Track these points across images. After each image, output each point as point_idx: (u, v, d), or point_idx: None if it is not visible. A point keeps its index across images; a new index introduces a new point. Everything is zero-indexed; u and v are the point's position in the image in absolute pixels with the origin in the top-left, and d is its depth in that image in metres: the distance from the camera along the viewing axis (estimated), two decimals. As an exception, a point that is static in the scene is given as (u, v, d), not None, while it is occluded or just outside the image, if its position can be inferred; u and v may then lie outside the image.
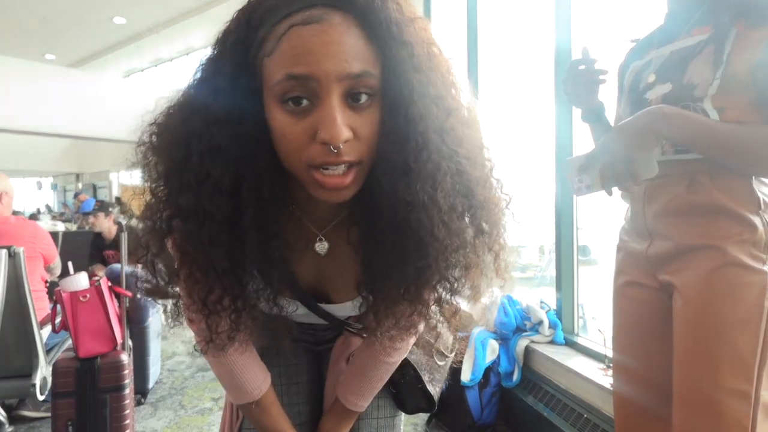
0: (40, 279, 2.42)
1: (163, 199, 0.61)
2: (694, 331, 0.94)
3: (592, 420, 1.77)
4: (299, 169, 0.57)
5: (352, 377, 0.87)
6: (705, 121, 0.92)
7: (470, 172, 0.60)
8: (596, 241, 3.27)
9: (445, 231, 0.58)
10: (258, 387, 0.83)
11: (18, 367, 1.91)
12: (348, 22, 0.52)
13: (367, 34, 0.53)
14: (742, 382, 0.88)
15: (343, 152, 0.53)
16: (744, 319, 0.89)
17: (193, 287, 0.62)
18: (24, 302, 1.87)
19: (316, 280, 0.76)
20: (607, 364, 1.87)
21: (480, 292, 0.67)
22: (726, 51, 0.92)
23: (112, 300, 1.95)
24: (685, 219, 0.98)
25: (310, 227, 0.71)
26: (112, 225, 3.77)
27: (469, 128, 0.60)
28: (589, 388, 1.81)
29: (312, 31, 0.51)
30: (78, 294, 1.87)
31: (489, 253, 0.65)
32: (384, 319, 0.67)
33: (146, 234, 0.63)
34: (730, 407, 0.89)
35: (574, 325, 2.17)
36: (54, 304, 1.94)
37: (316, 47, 0.51)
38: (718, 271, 0.93)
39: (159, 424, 2.44)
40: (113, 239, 3.75)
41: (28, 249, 2.19)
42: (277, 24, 0.53)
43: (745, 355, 0.89)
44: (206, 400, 2.72)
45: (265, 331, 0.73)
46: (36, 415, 2.44)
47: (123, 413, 1.86)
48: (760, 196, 0.91)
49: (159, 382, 3.01)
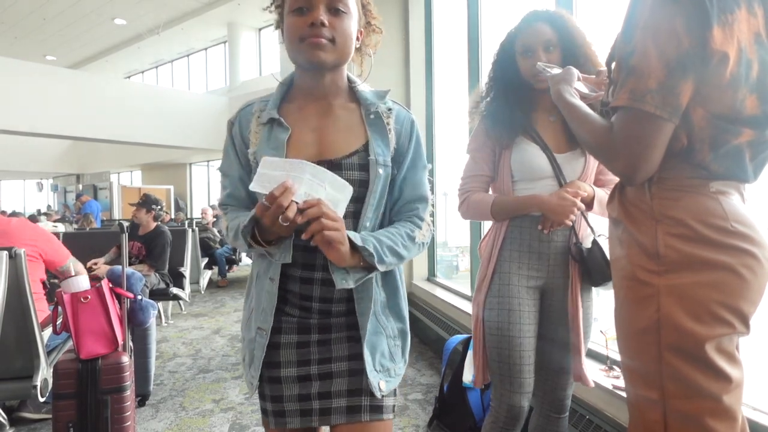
0: (39, 281, 2.41)
1: None
2: (616, 337, 1.02)
3: (594, 421, 1.77)
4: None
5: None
6: (574, 104, 1.09)
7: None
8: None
9: None
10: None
11: (19, 369, 1.91)
12: None
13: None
14: (649, 390, 0.92)
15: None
16: (640, 329, 0.92)
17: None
18: (25, 304, 1.87)
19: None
20: (609, 365, 1.87)
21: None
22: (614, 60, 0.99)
23: (113, 301, 1.95)
24: (608, 231, 1.07)
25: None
26: (150, 220, 3.94)
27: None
28: (591, 390, 1.80)
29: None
30: (79, 295, 1.87)
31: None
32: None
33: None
34: (645, 413, 0.94)
35: (575, 326, 2.17)
36: (55, 305, 1.93)
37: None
38: (620, 284, 0.99)
39: (160, 425, 2.44)
40: (144, 234, 3.90)
41: (29, 251, 2.19)
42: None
43: (647, 365, 0.92)
44: (207, 402, 2.72)
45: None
46: (37, 416, 2.44)
47: (124, 414, 1.86)
48: (655, 206, 0.92)
49: (160, 383, 3.01)
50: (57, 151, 15.60)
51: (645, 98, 0.85)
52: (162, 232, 3.86)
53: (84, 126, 9.55)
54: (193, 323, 4.59)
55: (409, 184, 1.03)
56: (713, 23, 0.83)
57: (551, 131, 1.42)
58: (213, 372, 3.21)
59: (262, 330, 0.99)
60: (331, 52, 0.93)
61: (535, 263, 1.41)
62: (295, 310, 1.00)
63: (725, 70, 0.85)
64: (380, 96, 1.03)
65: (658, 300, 0.89)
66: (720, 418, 0.86)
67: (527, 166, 1.39)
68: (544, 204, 1.35)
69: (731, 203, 0.90)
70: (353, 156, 0.97)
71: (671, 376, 0.89)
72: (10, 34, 12.10)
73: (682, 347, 0.87)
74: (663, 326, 0.89)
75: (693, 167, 0.90)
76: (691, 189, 0.90)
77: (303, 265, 0.98)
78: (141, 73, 15.92)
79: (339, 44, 0.94)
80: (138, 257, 3.80)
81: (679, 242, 0.88)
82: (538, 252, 1.40)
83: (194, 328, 4.42)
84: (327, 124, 0.99)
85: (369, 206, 0.96)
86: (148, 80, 15.78)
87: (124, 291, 2.12)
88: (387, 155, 0.98)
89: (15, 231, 2.31)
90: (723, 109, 0.87)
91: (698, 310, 0.86)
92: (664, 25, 0.85)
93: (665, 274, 0.89)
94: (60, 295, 1.88)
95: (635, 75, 0.87)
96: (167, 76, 15.31)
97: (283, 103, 1.03)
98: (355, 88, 1.03)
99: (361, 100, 1.02)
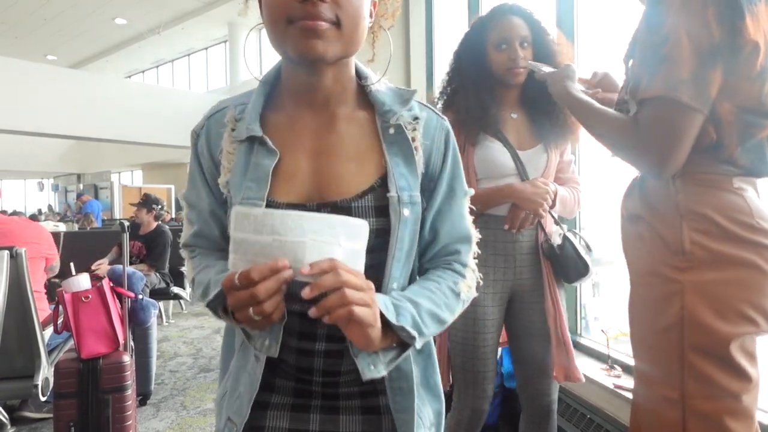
0: (41, 280, 2.42)
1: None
2: (630, 336, 0.99)
3: (595, 420, 1.77)
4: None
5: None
6: (584, 101, 1.06)
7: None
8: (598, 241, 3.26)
9: None
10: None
11: (20, 368, 1.91)
12: None
13: None
14: (670, 390, 0.89)
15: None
16: (663, 327, 0.90)
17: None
18: (26, 303, 1.87)
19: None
20: (610, 364, 1.87)
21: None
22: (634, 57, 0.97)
23: (114, 301, 1.95)
24: (623, 227, 1.03)
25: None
26: (151, 220, 3.96)
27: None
28: (593, 389, 1.80)
29: None
30: (80, 294, 1.88)
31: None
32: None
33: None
34: (663, 414, 0.91)
35: (577, 326, 2.17)
36: (56, 304, 1.94)
37: None
38: (639, 281, 0.96)
39: (161, 425, 2.44)
40: (145, 234, 3.92)
41: (32, 250, 2.19)
42: None
43: (668, 364, 0.89)
44: (208, 401, 2.72)
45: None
46: (38, 416, 2.44)
47: (125, 414, 1.86)
48: (681, 201, 0.90)
49: (161, 383, 3.01)
50: (58, 151, 15.60)
51: (679, 88, 0.83)
52: (163, 231, 3.87)
53: (85, 125, 9.56)
54: (194, 322, 4.59)
55: (446, 221, 0.76)
56: (746, 12, 0.81)
57: (514, 128, 1.40)
58: (214, 371, 3.21)
59: (232, 423, 0.72)
60: (335, 40, 0.63)
61: (501, 266, 1.37)
62: (290, 382, 0.75)
63: (756, 61, 0.84)
64: (402, 98, 0.74)
65: (683, 297, 0.87)
66: (738, 418, 0.86)
67: (490, 164, 1.36)
68: (518, 192, 1.32)
69: (753, 199, 0.89)
70: (367, 195, 0.69)
71: (693, 376, 0.87)
72: (10, 33, 12.10)
73: (707, 346, 0.86)
74: (687, 324, 0.87)
75: (718, 162, 0.89)
76: (715, 184, 0.89)
77: (300, 335, 0.71)
78: (142, 72, 15.92)
79: (346, 27, 0.64)
80: (138, 257, 3.81)
81: (705, 239, 0.87)
82: (504, 254, 1.37)
83: (195, 327, 4.42)
84: (329, 145, 0.71)
85: (395, 262, 0.68)
86: (149, 80, 15.77)
87: (125, 290, 2.12)
88: (414, 187, 0.71)
89: (17, 230, 2.31)
90: (751, 102, 0.86)
91: (724, 309, 0.85)
92: (696, 15, 0.82)
93: (690, 271, 0.87)
94: (61, 295, 1.88)
95: (668, 63, 0.84)
96: (168, 75, 15.31)
97: (267, 112, 0.73)
98: (368, 89, 0.74)
99: (376, 106, 0.73)
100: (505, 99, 1.41)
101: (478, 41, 1.39)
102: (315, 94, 0.71)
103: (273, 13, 0.63)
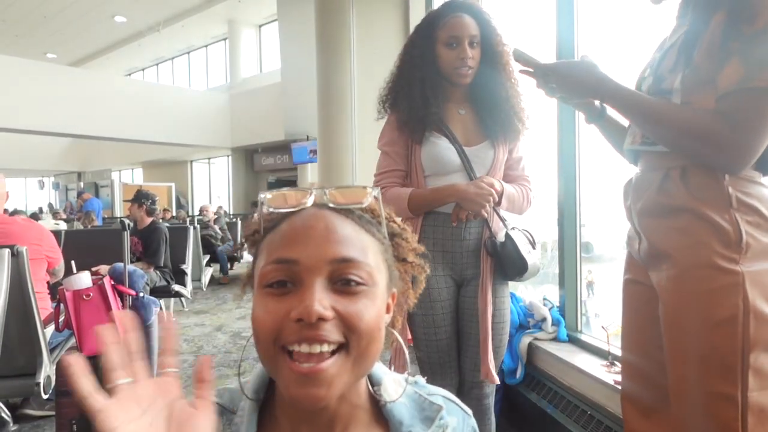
0: (43, 280, 2.42)
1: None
2: (670, 332, 0.95)
3: (595, 417, 1.77)
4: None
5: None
6: (636, 93, 0.98)
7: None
8: (599, 238, 3.27)
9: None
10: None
11: (22, 366, 1.92)
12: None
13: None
14: (727, 386, 0.86)
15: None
16: (721, 320, 0.87)
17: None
18: (27, 301, 1.88)
19: None
20: (611, 360, 1.87)
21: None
22: (697, 46, 0.91)
23: (115, 298, 1.96)
24: (656, 221, 0.98)
25: None
26: (144, 216, 3.96)
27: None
28: (593, 385, 1.80)
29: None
30: (81, 292, 1.88)
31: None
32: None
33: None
34: (719, 411, 0.87)
35: (577, 322, 2.17)
36: (57, 302, 1.94)
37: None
38: (687, 274, 0.91)
39: (162, 422, 2.45)
40: (141, 230, 3.93)
41: (33, 250, 2.19)
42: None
43: (726, 358, 0.86)
44: (209, 398, 2.73)
45: None
46: (40, 413, 2.45)
47: (127, 412, 1.86)
48: (732, 193, 0.88)
49: (162, 380, 3.02)
50: (58, 149, 15.61)
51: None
52: (157, 228, 3.87)
53: (85, 124, 9.56)
54: (195, 320, 4.60)
55: None
56: None
57: (461, 124, 1.40)
58: (215, 369, 3.22)
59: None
60: (341, 370, 0.51)
61: (449, 261, 1.40)
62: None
63: None
64: (424, 415, 0.61)
65: (744, 289, 0.85)
66: None
67: (437, 161, 1.37)
68: (461, 192, 1.32)
69: None
70: None
71: (754, 369, 0.85)
72: (10, 32, 12.09)
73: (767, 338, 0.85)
74: (748, 316, 0.85)
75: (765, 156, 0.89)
76: (758, 178, 0.90)
77: None
78: (142, 70, 15.92)
79: (356, 348, 0.51)
80: (135, 254, 3.80)
81: (757, 231, 0.87)
82: (452, 251, 1.39)
83: (196, 325, 4.43)
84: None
85: None
86: (149, 78, 15.77)
87: (126, 288, 2.13)
88: None
89: (18, 231, 2.31)
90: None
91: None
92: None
93: (747, 263, 0.86)
94: (62, 293, 1.89)
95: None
96: (168, 73, 15.31)
97: (262, 429, 0.59)
98: (383, 404, 0.60)
99: (392, 426, 0.59)
100: (453, 95, 1.41)
101: (427, 37, 1.39)
102: (316, 419, 0.57)
103: (260, 329, 0.51)
